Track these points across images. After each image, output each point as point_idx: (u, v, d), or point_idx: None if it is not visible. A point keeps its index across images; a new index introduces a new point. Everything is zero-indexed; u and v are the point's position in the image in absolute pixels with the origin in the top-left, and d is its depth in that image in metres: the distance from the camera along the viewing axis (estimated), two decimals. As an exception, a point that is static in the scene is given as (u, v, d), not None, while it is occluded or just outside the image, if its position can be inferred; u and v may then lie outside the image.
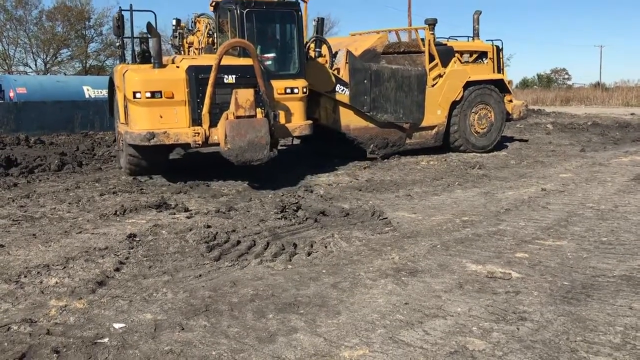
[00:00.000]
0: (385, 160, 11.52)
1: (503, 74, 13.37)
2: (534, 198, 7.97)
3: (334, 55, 11.14)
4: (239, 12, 9.40)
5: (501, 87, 12.94)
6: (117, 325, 3.88)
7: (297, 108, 9.58)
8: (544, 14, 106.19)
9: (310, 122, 9.79)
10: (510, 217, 6.89)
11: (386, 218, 6.78)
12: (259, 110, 8.61)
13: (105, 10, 38.93)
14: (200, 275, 4.86)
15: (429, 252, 5.52)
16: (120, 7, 9.64)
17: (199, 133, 8.69)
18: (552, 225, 6.51)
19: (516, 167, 10.85)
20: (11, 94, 17.42)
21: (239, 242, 5.77)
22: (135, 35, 10.33)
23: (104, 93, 16.99)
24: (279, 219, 6.77)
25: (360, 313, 4.09)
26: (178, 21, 12.20)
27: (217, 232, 6.04)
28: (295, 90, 9.47)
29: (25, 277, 4.80)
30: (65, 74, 36.47)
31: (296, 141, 13.33)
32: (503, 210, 7.28)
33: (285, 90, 9.39)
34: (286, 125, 9.39)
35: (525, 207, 7.42)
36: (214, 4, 10.44)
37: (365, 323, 3.92)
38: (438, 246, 5.72)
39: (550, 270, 4.97)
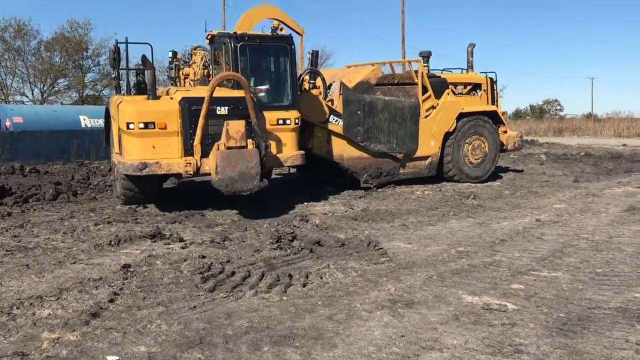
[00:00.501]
0: (380, 189, 11.56)
1: (497, 105, 13.53)
2: (529, 229, 8.00)
3: (328, 87, 11.28)
4: (233, 45, 9.56)
5: (495, 118, 13.07)
6: (110, 358, 3.84)
7: (289, 139, 9.69)
8: (536, 46, 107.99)
9: (302, 152, 9.89)
10: (505, 248, 6.90)
11: (382, 248, 6.77)
12: (250, 141, 8.72)
13: (103, 41, 39.20)
14: (194, 307, 4.82)
15: (424, 283, 5.50)
16: (116, 39, 9.75)
17: (190, 163, 8.79)
18: (547, 256, 6.52)
19: (510, 197, 10.90)
20: (7, 124, 17.46)
21: (233, 273, 5.74)
22: (131, 67, 10.44)
23: (100, 122, 17.04)
24: (274, 249, 6.76)
25: (357, 346, 4.06)
26: (174, 53, 12.35)
27: (211, 263, 6.01)
28: (288, 122, 9.60)
29: (18, 308, 4.76)
30: (62, 104, 36.61)
31: (291, 170, 13.40)
32: (498, 240, 7.29)
33: (277, 122, 9.53)
34: (278, 155, 9.50)
35: (520, 238, 7.44)
36: (209, 37, 10.61)
37: (362, 356, 3.90)
38: (434, 277, 5.71)
39: (546, 302, 4.96)
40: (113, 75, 10.77)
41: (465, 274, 5.83)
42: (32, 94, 38.29)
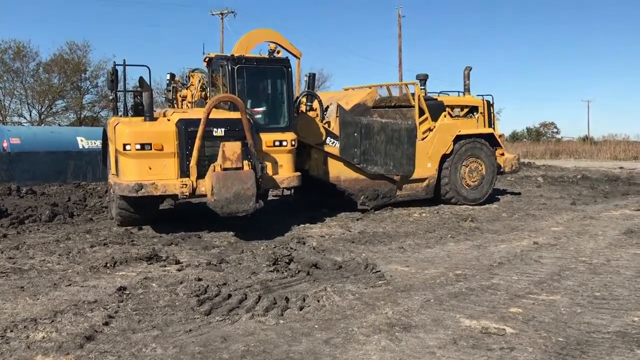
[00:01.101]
0: (378, 211, 11.55)
1: (494, 128, 13.59)
2: (527, 251, 7.98)
3: (325, 109, 11.34)
4: (230, 67, 9.63)
5: (492, 140, 13.13)
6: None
7: (285, 160, 9.72)
8: (532, 69, 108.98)
9: (298, 174, 9.90)
10: (503, 271, 6.87)
11: (379, 271, 6.74)
12: (246, 162, 8.74)
13: (101, 63, 39.45)
14: (190, 330, 4.78)
15: (422, 307, 5.47)
16: (115, 61, 9.80)
17: (186, 184, 8.78)
18: (545, 279, 6.50)
19: (508, 220, 10.89)
20: (5, 145, 17.44)
21: (230, 296, 5.70)
22: (128, 89, 10.49)
23: (97, 144, 17.07)
24: (270, 271, 6.72)
25: (354, 370, 4.02)
26: (172, 75, 12.42)
27: (208, 285, 5.97)
28: (284, 143, 9.64)
29: (12, 331, 4.70)
30: (60, 125, 36.69)
31: (287, 192, 13.39)
32: (496, 263, 7.27)
33: (274, 143, 9.56)
34: (274, 177, 9.52)
35: (518, 261, 7.41)
36: (207, 59, 10.68)
37: (359, 380, 3.85)
38: (432, 300, 5.67)
39: (544, 326, 4.92)
40: (111, 97, 10.81)
41: (463, 297, 5.80)
42: (30, 115, 38.45)
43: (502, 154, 13.54)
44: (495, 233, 9.46)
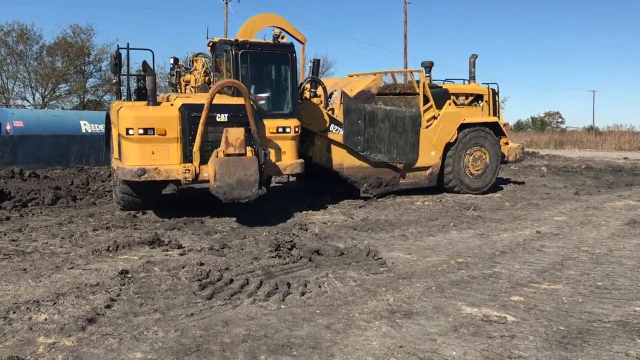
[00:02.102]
0: (380, 199, 11.54)
1: (499, 117, 13.52)
2: (529, 241, 7.97)
3: (329, 96, 11.29)
4: (234, 52, 9.57)
5: (496, 129, 13.07)
6: (105, 365, 3.80)
7: (288, 147, 9.68)
8: (538, 58, 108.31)
9: (301, 160, 9.87)
10: (505, 260, 6.87)
11: (381, 258, 6.74)
12: (249, 148, 8.71)
13: (105, 47, 39.27)
14: (192, 314, 4.79)
15: (424, 294, 5.47)
16: (118, 45, 9.75)
17: (189, 170, 8.77)
18: (547, 268, 6.49)
19: (511, 209, 10.87)
20: (8, 128, 17.44)
21: (232, 281, 5.71)
22: (132, 73, 10.45)
23: (100, 128, 17.05)
24: (272, 257, 6.73)
25: (354, 356, 4.03)
26: (176, 60, 12.35)
27: (210, 270, 5.98)
28: (287, 130, 9.59)
29: (14, 312, 4.73)
30: (63, 109, 36.66)
31: (291, 179, 13.38)
32: (498, 252, 7.26)
33: (277, 130, 9.52)
34: (277, 163, 9.49)
35: (520, 250, 7.40)
36: (211, 44, 10.63)
37: (359, 366, 3.86)
38: (433, 288, 5.67)
39: (545, 315, 4.92)
40: (114, 81, 10.77)
41: (465, 285, 5.80)
42: (34, 98, 38.36)
43: (507, 143, 13.48)
44: (498, 222, 9.44)
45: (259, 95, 9.96)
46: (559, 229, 8.82)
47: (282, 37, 10.21)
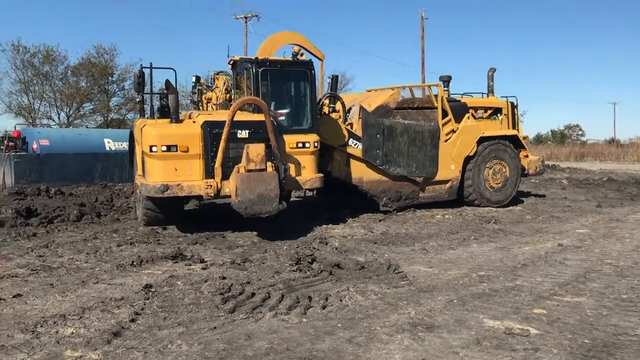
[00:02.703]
0: (400, 213, 11.54)
1: (518, 130, 13.47)
2: (551, 253, 7.90)
3: (348, 111, 11.38)
4: (254, 70, 9.73)
5: (516, 142, 13.02)
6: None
7: (308, 161, 9.78)
8: (557, 71, 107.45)
9: (321, 175, 9.95)
10: (527, 273, 6.82)
11: (402, 272, 6.75)
12: (269, 163, 8.81)
13: (128, 67, 39.99)
14: (215, 328, 4.85)
15: (445, 307, 5.46)
16: (141, 64, 9.97)
17: (211, 185, 8.90)
18: (570, 281, 6.43)
19: (532, 222, 10.79)
20: (34, 146, 17.85)
21: (253, 294, 5.76)
22: (155, 92, 10.65)
23: (124, 145, 17.36)
24: (293, 271, 6.77)
25: (376, 368, 4.04)
26: (197, 78, 12.57)
27: (232, 284, 6.04)
28: (307, 145, 9.69)
29: (42, 326, 4.83)
30: (87, 127, 37.32)
31: (309, 193, 13.45)
32: (520, 265, 7.21)
33: (297, 145, 9.64)
34: (297, 178, 9.59)
35: (542, 263, 7.35)
36: (232, 62, 10.81)
37: (381, 378, 3.87)
38: (455, 301, 5.66)
39: (569, 327, 4.88)
40: (137, 100, 10.99)
41: (487, 298, 5.78)
42: (59, 117, 39.11)
43: (526, 156, 13.41)
44: (519, 235, 9.38)
45: (279, 111, 10.09)
46: (581, 242, 8.73)
47: (301, 54, 10.36)
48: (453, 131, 12.20)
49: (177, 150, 8.87)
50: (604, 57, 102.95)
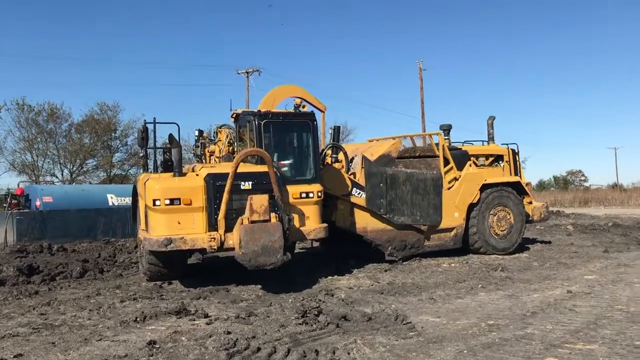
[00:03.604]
0: (406, 262, 11.44)
1: (520, 176, 13.52)
2: (560, 300, 7.78)
3: (350, 161, 11.46)
4: (257, 122, 9.86)
5: (519, 189, 13.04)
6: None
7: (312, 212, 9.76)
8: (557, 117, 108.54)
9: (325, 225, 9.92)
10: (537, 321, 6.70)
11: (410, 322, 6.63)
12: (273, 214, 8.80)
13: (131, 122, 40.66)
14: (220, 384, 4.73)
15: (455, 358, 5.34)
16: (145, 120, 10.11)
17: (214, 238, 8.86)
18: (581, 328, 6.31)
19: (539, 269, 10.67)
20: (37, 203, 17.91)
21: (259, 349, 5.65)
22: (158, 146, 10.76)
23: (127, 201, 17.41)
24: (299, 324, 6.66)
25: (387, 423, 3.91)
26: (200, 132, 12.74)
27: (237, 339, 5.94)
28: (311, 195, 9.70)
29: (44, 386, 4.72)
30: (91, 183, 37.56)
31: (315, 244, 13.38)
32: (529, 313, 7.10)
33: (300, 195, 9.64)
34: (301, 228, 9.55)
35: (552, 310, 7.23)
36: (234, 115, 10.97)
37: None
38: (465, 351, 5.54)
39: (583, 376, 4.76)
40: (141, 154, 11.09)
41: (497, 347, 5.66)
42: (62, 174, 39.46)
43: (530, 202, 13.41)
44: (527, 282, 9.26)
45: (282, 162, 10.16)
46: (590, 288, 8.61)
47: (303, 107, 10.53)
48: (455, 179, 12.24)
49: (180, 204, 8.88)
50: (604, 103, 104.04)
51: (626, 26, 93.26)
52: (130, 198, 12.88)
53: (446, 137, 13.07)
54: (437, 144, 12.55)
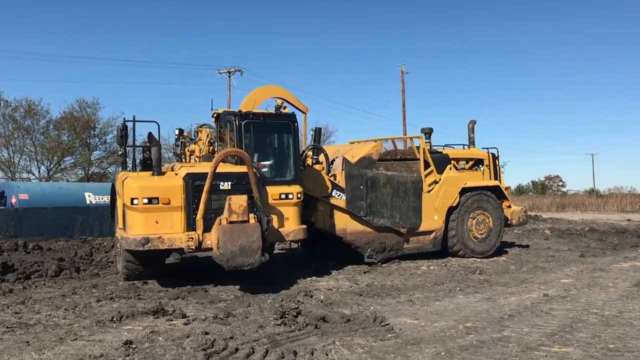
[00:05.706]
0: (385, 264, 11.47)
1: (500, 180, 13.65)
2: (537, 304, 7.87)
3: (331, 162, 11.46)
4: (238, 123, 9.82)
5: (498, 193, 13.16)
6: None
7: (291, 213, 9.74)
8: (536, 123, 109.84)
9: (304, 226, 9.90)
10: (513, 323, 6.77)
11: (388, 324, 6.65)
12: (252, 215, 8.76)
13: (110, 120, 40.13)
14: (197, 385, 4.69)
15: (433, 360, 5.37)
16: (124, 118, 10.00)
17: (192, 238, 8.79)
18: (556, 331, 6.39)
19: (517, 272, 10.78)
20: (13, 201, 17.61)
21: (237, 350, 5.62)
22: (137, 144, 10.66)
23: (105, 199, 17.21)
24: (278, 325, 6.64)
25: None
26: (181, 131, 12.63)
27: (215, 339, 5.89)
28: (290, 196, 9.68)
29: (16, 386, 4.63)
30: (68, 181, 37.00)
31: (294, 244, 13.35)
32: (506, 316, 7.16)
33: (280, 196, 9.61)
34: (280, 229, 9.52)
35: (529, 313, 7.30)
36: (215, 115, 10.91)
37: None
38: (442, 353, 5.57)
39: (558, 379, 4.81)
40: (120, 152, 10.97)
41: (474, 350, 5.70)
42: (39, 171, 38.82)
43: (509, 207, 13.54)
44: (505, 285, 9.35)
45: (262, 163, 10.13)
46: (566, 292, 8.72)
47: (284, 107, 10.50)
48: (435, 182, 12.32)
49: (158, 203, 8.79)
50: (582, 109, 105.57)
51: (604, 34, 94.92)
52: (109, 196, 12.73)
53: (427, 141, 13.15)
54: (417, 147, 12.62)
